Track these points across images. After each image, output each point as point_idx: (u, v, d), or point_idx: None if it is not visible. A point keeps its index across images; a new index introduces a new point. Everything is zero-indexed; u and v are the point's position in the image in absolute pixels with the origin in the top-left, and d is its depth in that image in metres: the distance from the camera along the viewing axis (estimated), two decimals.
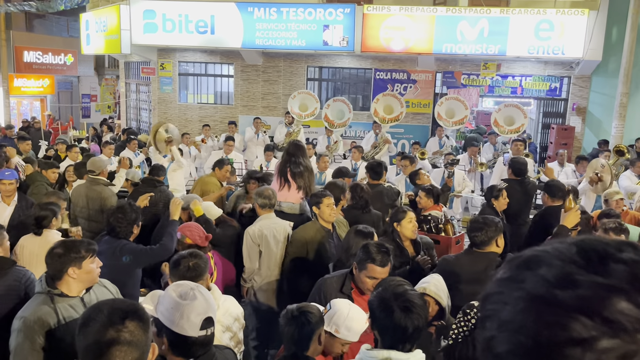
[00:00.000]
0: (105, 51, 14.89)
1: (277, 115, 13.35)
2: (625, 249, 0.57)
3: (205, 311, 2.10)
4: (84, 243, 2.84)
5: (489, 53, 11.57)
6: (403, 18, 11.65)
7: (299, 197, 4.98)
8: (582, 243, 0.59)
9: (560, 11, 11.22)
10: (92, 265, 2.78)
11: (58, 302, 2.71)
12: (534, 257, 0.60)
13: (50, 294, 2.71)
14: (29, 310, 2.68)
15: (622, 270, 0.54)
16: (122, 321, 1.68)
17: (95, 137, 13.76)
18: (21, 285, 3.17)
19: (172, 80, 14.05)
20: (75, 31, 19.98)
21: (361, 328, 2.57)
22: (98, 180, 5.76)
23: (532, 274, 0.57)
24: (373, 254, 2.96)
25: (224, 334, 2.84)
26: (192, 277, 2.76)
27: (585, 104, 12.53)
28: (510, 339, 0.56)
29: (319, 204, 4.25)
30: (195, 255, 2.88)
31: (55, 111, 21.22)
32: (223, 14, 12.26)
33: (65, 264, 2.70)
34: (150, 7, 12.63)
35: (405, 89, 12.93)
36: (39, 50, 19.83)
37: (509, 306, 0.57)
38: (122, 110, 16.94)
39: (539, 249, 0.61)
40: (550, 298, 0.55)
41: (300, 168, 5.01)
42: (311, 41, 12.05)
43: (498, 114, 10.03)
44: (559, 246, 0.60)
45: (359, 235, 3.62)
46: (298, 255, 4.22)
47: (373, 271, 2.95)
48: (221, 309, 2.85)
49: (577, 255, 0.57)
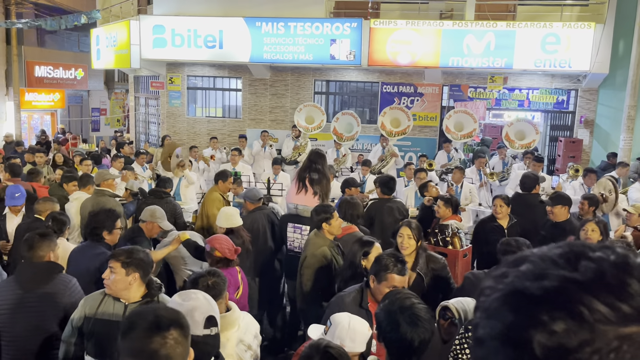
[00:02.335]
0: (115, 66, 15.09)
1: (285, 128, 13.43)
2: (601, 250, 0.62)
3: (207, 310, 2.16)
4: (122, 250, 3.04)
5: (496, 66, 11.60)
6: (410, 32, 11.73)
7: (314, 202, 5.08)
8: (567, 246, 0.65)
9: (566, 24, 11.25)
10: (117, 275, 2.92)
11: (107, 299, 2.95)
12: (522, 257, 0.66)
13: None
14: (92, 293, 3.04)
15: (589, 267, 0.60)
16: (167, 328, 1.72)
17: (106, 151, 13.89)
18: (67, 290, 3.32)
19: (180, 94, 14.20)
20: (85, 46, 20.28)
21: (365, 337, 2.57)
22: (104, 191, 5.91)
23: (515, 270, 0.64)
24: (391, 265, 3.01)
25: (246, 352, 2.81)
26: (212, 296, 2.71)
27: (593, 117, 12.51)
28: (488, 324, 0.63)
29: (329, 220, 4.28)
30: (214, 274, 2.86)
31: (66, 125, 21.47)
32: (231, 28, 12.42)
33: None
34: (159, 22, 12.82)
35: (412, 102, 12.97)
36: (50, 65, 20.12)
37: (491, 296, 0.64)
38: (131, 124, 17.12)
39: (530, 251, 0.67)
40: (521, 288, 0.61)
41: (319, 175, 5.17)
42: (318, 55, 12.15)
43: (510, 128, 10.06)
44: (547, 248, 0.66)
45: (359, 244, 3.72)
46: (317, 266, 4.24)
47: (393, 280, 3.00)
48: (242, 328, 2.82)
49: (558, 256, 0.63)
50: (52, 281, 3.30)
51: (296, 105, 13.13)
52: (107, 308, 2.91)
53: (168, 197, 6.27)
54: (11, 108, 18.34)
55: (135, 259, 2.93)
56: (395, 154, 10.09)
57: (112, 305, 2.91)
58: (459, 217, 5.39)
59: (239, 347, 2.73)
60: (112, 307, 2.91)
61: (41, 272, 3.32)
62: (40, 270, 3.33)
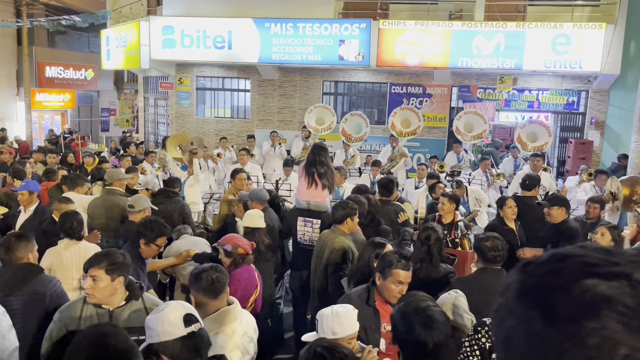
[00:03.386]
0: (125, 66, 15.18)
1: (293, 129, 13.44)
2: (590, 252, 0.63)
3: (181, 309, 2.15)
4: (102, 257, 2.92)
5: (505, 67, 11.54)
6: (418, 33, 11.71)
7: (324, 196, 5.24)
8: (569, 249, 0.66)
9: (577, 25, 11.17)
10: (102, 283, 2.83)
11: (87, 308, 2.85)
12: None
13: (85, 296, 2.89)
14: (64, 307, 2.90)
15: (572, 264, 0.61)
16: None
17: (115, 150, 13.98)
18: (46, 292, 3.24)
19: (189, 95, 14.26)
20: (95, 47, 20.45)
21: (351, 318, 2.61)
22: (114, 190, 5.87)
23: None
24: (395, 260, 3.06)
25: (250, 344, 2.84)
26: (215, 290, 2.75)
27: (603, 118, 12.41)
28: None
29: (352, 216, 4.46)
30: (217, 269, 2.84)
31: (75, 125, 21.63)
32: (240, 29, 12.45)
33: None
34: (169, 23, 12.88)
35: (420, 102, 12.94)
36: (60, 66, 20.29)
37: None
38: (140, 124, 17.21)
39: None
40: (521, 285, 0.65)
41: (325, 168, 5.26)
42: (327, 56, 12.16)
43: (522, 130, 10.01)
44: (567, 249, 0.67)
45: (372, 246, 3.79)
46: (340, 259, 4.36)
47: (398, 275, 3.03)
48: (244, 321, 2.85)
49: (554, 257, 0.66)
50: (31, 282, 3.25)
51: (304, 106, 13.15)
52: (91, 317, 2.84)
53: (176, 197, 6.27)
54: (22, 108, 18.50)
55: (118, 263, 2.87)
56: (405, 154, 10.07)
57: (95, 312, 2.85)
58: (456, 215, 5.48)
59: (244, 338, 2.76)
60: (96, 314, 2.84)
61: (20, 273, 3.27)
62: (18, 272, 3.27)
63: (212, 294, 2.74)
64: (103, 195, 5.86)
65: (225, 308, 2.77)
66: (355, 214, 4.49)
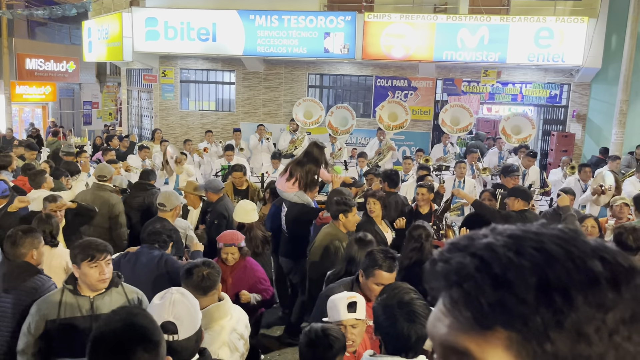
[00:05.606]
0: (107, 58, 14.96)
1: (279, 122, 13.39)
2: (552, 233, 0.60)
3: (160, 316, 2.03)
4: (90, 246, 2.88)
5: (489, 60, 11.61)
6: (403, 26, 11.71)
7: (290, 187, 5.20)
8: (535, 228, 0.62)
9: (560, 19, 11.28)
10: (90, 270, 2.81)
11: (66, 297, 2.82)
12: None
13: (64, 288, 2.85)
14: (42, 299, 2.87)
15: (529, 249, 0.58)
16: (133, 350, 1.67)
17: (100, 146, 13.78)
18: (39, 293, 3.15)
19: (173, 88, 14.11)
20: (77, 38, 20.11)
21: (342, 302, 2.61)
22: (105, 186, 5.66)
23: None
24: (379, 260, 2.96)
25: (240, 341, 2.82)
26: (204, 287, 2.73)
27: (585, 111, 12.57)
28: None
29: (347, 212, 4.32)
30: (208, 265, 2.83)
31: (57, 118, 21.29)
32: (225, 21, 12.33)
33: (74, 261, 2.85)
34: (152, 14, 12.71)
35: (405, 96, 12.97)
36: (41, 58, 19.91)
37: None
38: (123, 118, 17.00)
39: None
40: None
41: (304, 160, 5.25)
42: (312, 49, 12.11)
43: (506, 122, 10.12)
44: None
45: (359, 243, 3.66)
46: (320, 256, 4.28)
47: (380, 277, 2.96)
48: (234, 317, 2.84)
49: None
50: (25, 282, 3.17)
51: (290, 99, 13.10)
52: (71, 305, 2.83)
53: (153, 189, 6.06)
54: (2, 101, 18.15)
55: (110, 248, 2.95)
56: (392, 148, 10.12)
57: (76, 301, 2.84)
58: (433, 205, 5.57)
59: (232, 335, 2.74)
60: (77, 303, 2.84)
61: (16, 271, 3.20)
62: (15, 270, 3.21)
63: (201, 291, 2.72)
64: (92, 191, 5.63)
65: (214, 304, 2.76)
66: (349, 211, 4.32)
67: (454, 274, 0.59)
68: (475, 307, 0.56)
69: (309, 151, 5.32)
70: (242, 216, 4.68)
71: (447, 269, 0.60)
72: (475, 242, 0.60)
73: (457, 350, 0.59)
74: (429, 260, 0.64)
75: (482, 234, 0.62)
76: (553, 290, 0.54)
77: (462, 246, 0.61)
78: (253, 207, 4.82)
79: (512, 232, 0.60)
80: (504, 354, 0.55)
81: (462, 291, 0.57)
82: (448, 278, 0.59)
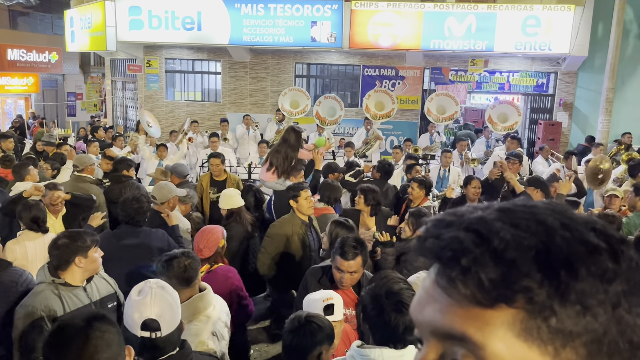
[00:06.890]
0: (91, 48, 14.70)
1: (266, 112, 13.27)
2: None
3: (141, 313, 1.96)
4: (88, 233, 2.96)
5: (477, 49, 11.59)
6: (391, 14, 11.63)
7: (269, 176, 5.30)
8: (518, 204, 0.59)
9: (546, 7, 11.27)
10: (95, 254, 2.91)
11: (62, 291, 2.80)
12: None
13: (54, 283, 2.80)
14: (34, 298, 2.74)
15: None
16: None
17: (84, 137, 13.58)
18: (18, 286, 3.07)
19: (158, 78, 13.92)
20: (59, 28, 19.69)
21: (318, 304, 2.57)
22: (84, 177, 5.57)
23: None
24: (343, 247, 2.94)
25: (225, 329, 2.78)
26: (187, 278, 2.65)
27: (571, 100, 12.62)
28: None
29: (296, 197, 4.30)
30: (188, 255, 2.74)
31: (40, 110, 20.92)
32: (210, 10, 12.15)
33: (72, 253, 2.81)
34: (135, 3, 12.48)
35: (393, 85, 12.92)
36: (22, 48, 19.50)
37: None
38: (108, 109, 16.75)
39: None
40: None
41: (281, 147, 5.31)
42: (299, 37, 11.99)
43: (492, 110, 10.12)
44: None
45: (339, 226, 3.70)
46: (280, 250, 4.27)
47: (340, 263, 2.95)
48: (217, 307, 2.78)
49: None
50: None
51: (277, 88, 12.98)
52: (72, 298, 2.81)
53: (129, 180, 5.74)
54: None
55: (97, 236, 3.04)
56: (379, 137, 10.08)
57: (72, 292, 2.84)
58: (427, 199, 5.51)
59: (218, 324, 2.69)
60: (74, 294, 2.85)
61: None
62: None
63: (184, 282, 2.63)
64: (72, 182, 5.52)
65: (197, 295, 2.69)
66: (298, 195, 4.25)
67: (449, 250, 0.53)
68: (476, 284, 0.51)
69: (285, 137, 5.37)
70: (228, 202, 4.64)
71: (439, 244, 0.54)
72: (464, 217, 0.56)
73: (452, 336, 0.54)
74: (416, 238, 0.59)
75: (467, 210, 0.57)
76: (556, 262, 0.50)
77: (449, 222, 0.56)
78: (237, 193, 4.83)
79: (502, 206, 0.56)
80: (506, 334, 0.51)
81: (459, 267, 0.52)
82: (442, 254, 0.54)
